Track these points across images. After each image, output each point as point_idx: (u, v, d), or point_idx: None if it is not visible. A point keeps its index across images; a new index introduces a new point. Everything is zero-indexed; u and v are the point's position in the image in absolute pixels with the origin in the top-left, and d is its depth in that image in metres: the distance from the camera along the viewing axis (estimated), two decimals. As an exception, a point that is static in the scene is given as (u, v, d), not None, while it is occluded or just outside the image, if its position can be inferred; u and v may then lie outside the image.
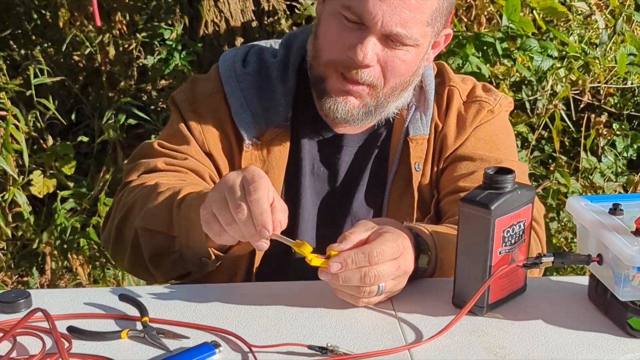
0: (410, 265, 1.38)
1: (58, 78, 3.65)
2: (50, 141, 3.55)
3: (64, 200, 3.34)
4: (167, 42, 3.80)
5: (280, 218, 1.34)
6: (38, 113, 3.47)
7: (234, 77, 1.70)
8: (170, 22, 3.98)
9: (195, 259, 1.50)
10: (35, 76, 3.43)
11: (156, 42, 4.01)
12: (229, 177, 1.36)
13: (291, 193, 1.69)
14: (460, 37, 3.18)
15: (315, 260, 1.34)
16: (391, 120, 1.72)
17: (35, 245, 3.27)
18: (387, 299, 1.40)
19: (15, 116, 3.12)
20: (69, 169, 3.40)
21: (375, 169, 1.72)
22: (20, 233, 3.37)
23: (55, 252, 3.28)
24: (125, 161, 1.74)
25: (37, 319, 1.29)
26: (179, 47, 3.84)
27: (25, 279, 3.31)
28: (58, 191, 3.37)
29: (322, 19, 1.63)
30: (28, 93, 3.37)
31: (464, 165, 1.69)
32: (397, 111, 1.70)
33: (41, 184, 3.39)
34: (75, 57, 4.22)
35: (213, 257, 1.50)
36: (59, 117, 3.41)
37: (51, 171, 3.41)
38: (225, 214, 1.34)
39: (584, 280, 1.45)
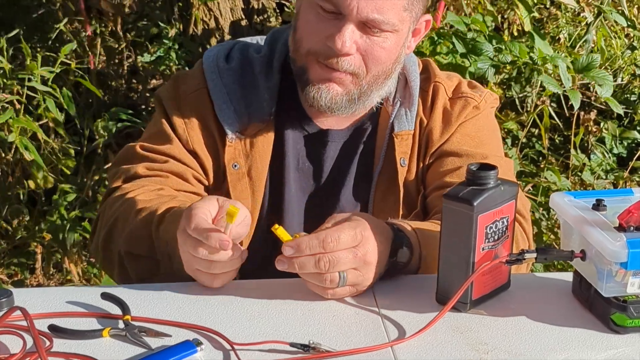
0: (371, 256, 1.36)
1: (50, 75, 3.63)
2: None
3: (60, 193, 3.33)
4: (165, 40, 3.79)
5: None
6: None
7: (217, 72, 1.71)
8: (163, 20, 3.96)
9: (183, 276, 1.48)
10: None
11: (147, 43, 4.00)
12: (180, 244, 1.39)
13: (276, 188, 1.69)
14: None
15: (282, 233, 1.35)
16: (376, 114, 1.72)
17: (31, 238, 3.25)
18: (358, 292, 1.39)
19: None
20: (69, 165, 3.40)
21: (361, 165, 1.73)
22: (14, 226, 3.36)
23: (51, 249, 3.27)
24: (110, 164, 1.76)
25: (19, 317, 1.28)
26: (176, 46, 3.83)
27: (19, 277, 3.30)
28: (58, 184, 3.36)
29: (300, 12, 1.64)
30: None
31: (449, 160, 1.69)
32: (380, 100, 1.70)
33: (42, 179, 3.38)
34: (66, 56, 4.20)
35: None
36: (58, 117, 3.39)
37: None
38: (207, 274, 1.39)
39: (568, 276, 1.45)
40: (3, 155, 3.34)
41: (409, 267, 1.45)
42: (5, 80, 3.12)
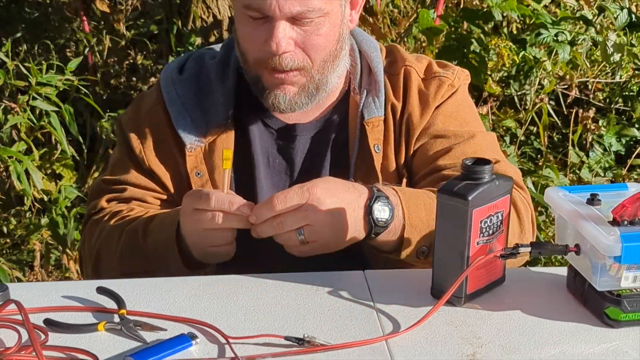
0: (323, 212, 1.42)
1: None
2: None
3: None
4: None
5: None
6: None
7: (171, 85, 1.73)
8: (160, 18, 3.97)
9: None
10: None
11: (147, 41, 4.00)
12: (184, 210, 1.49)
13: (245, 189, 1.68)
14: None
15: None
16: (344, 104, 1.73)
17: (31, 235, 3.25)
18: (330, 249, 1.47)
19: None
20: (69, 176, 3.40)
21: (335, 157, 1.73)
22: (12, 227, 3.36)
23: (49, 246, 3.27)
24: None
25: (14, 312, 1.29)
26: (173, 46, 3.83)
27: (17, 274, 3.30)
28: (58, 180, 3.36)
29: (236, 24, 1.67)
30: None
31: (438, 143, 1.69)
32: (339, 80, 1.70)
33: (42, 186, 3.38)
34: (69, 54, 4.21)
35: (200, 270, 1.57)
36: (59, 137, 3.39)
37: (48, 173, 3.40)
38: (211, 237, 1.48)
39: (563, 271, 1.45)
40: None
41: (392, 226, 1.47)
42: (9, 83, 3.12)
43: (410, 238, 1.49)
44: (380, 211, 1.46)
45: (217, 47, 1.81)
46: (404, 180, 1.70)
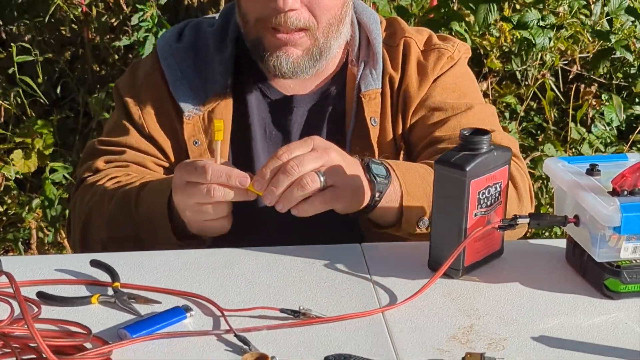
0: (334, 152, 1.38)
1: (41, 57, 3.60)
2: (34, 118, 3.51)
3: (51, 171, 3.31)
4: (143, 23, 3.71)
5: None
6: (21, 90, 3.43)
7: (169, 52, 1.71)
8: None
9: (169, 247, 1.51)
10: (24, 52, 3.39)
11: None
12: (176, 183, 1.42)
13: (242, 160, 1.66)
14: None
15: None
16: (342, 77, 1.70)
17: (24, 213, 3.23)
18: (343, 199, 1.40)
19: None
20: (47, 151, 3.36)
21: (331, 129, 1.70)
22: (5, 207, 3.35)
23: (42, 225, 3.25)
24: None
25: (7, 284, 1.27)
26: (154, 29, 3.74)
27: (10, 254, 3.29)
28: (48, 162, 3.33)
29: None
30: (10, 70, 3.33)
31: (435, 115, 1.67)
32: (339, 50, 1.68)
33: (22, 164, 3.35)
34: (62, 31, 4.18)
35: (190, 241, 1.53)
36: (41, 95, 3.37)
37: (29, 150, 3.37)
38: (206, 212, 1.41)
39: (562, 243, 1.43)
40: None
41: (391, 189, 1.45)
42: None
43: (409, 206, 1.47)
44: (377, 168, 1.44)
45: (215, 16, 1.78)
46: (402, 154, 1.68)
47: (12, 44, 3.38)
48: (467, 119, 1.65)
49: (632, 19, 3.27)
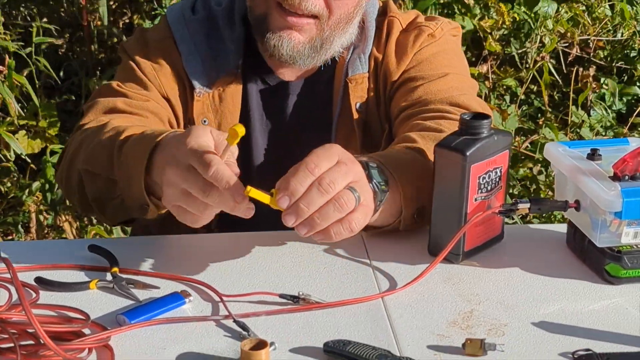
0: (354, 164, 1.21)
1: (52, 40, 3.58)
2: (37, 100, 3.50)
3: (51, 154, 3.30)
4: None
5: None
6: (34, 70, 3.41)
7: (183, 23, 1.66)
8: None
9: (135, 206, 1.38)
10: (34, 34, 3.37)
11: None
12: (171, 158, 1.21)
13: (244, 144, 1.61)
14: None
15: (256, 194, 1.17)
16: (331, 61, 1.66)
17: (24, 197, 3.22)
18: (371, 214, 1.25)
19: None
20: (53, 130, 3.35)
21: (319, 116, 1.68)
22: (5, 190, 3.34)
23: (42, 208, 3.25)
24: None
25: (5, 270, 1.26)
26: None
27: (9, 237, 3.28)
28: (48, 144, 3.32)
29: None
30: (27, 50, 3.30)
31: (407, 86, 1.62)
32: (341, 50, 1.65)
33: (26, 144, 3.34)
34: (62, 13, 4.16)
35: (152, 206, 1.36)
36: (55, 76, 3.35)
37: (35, 130, 3.36)
38: (195, 205, 1.19)
39: (563, 228, 1.43)
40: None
41: (390, 194, 1.32)
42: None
43: (406, 204, 1.37)
44: (376, 175, 1.30)
45: None
46: (384, 134, 1.65)
47: (32, 25, 3.35)
48: (436, 85, 1.59)
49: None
